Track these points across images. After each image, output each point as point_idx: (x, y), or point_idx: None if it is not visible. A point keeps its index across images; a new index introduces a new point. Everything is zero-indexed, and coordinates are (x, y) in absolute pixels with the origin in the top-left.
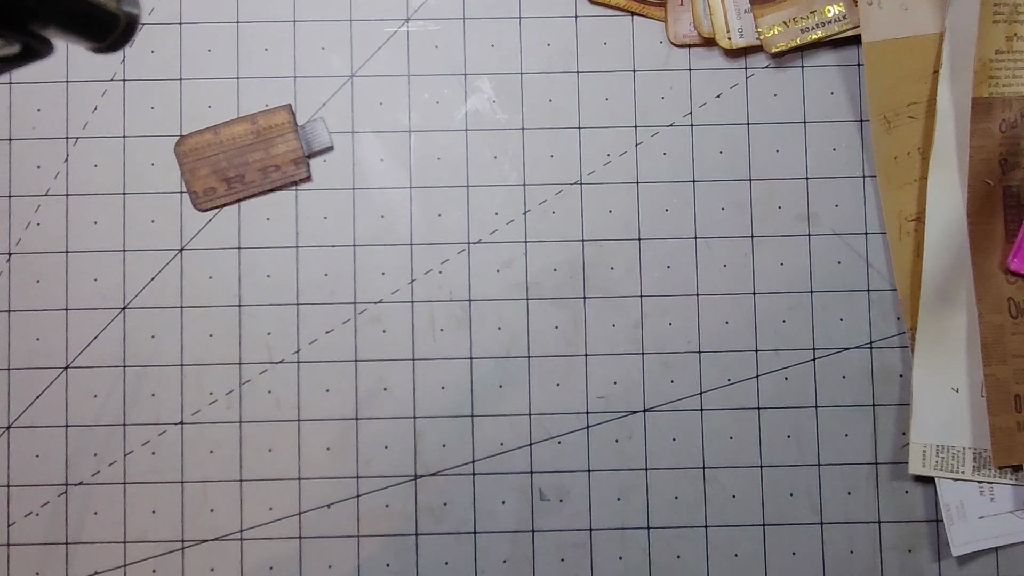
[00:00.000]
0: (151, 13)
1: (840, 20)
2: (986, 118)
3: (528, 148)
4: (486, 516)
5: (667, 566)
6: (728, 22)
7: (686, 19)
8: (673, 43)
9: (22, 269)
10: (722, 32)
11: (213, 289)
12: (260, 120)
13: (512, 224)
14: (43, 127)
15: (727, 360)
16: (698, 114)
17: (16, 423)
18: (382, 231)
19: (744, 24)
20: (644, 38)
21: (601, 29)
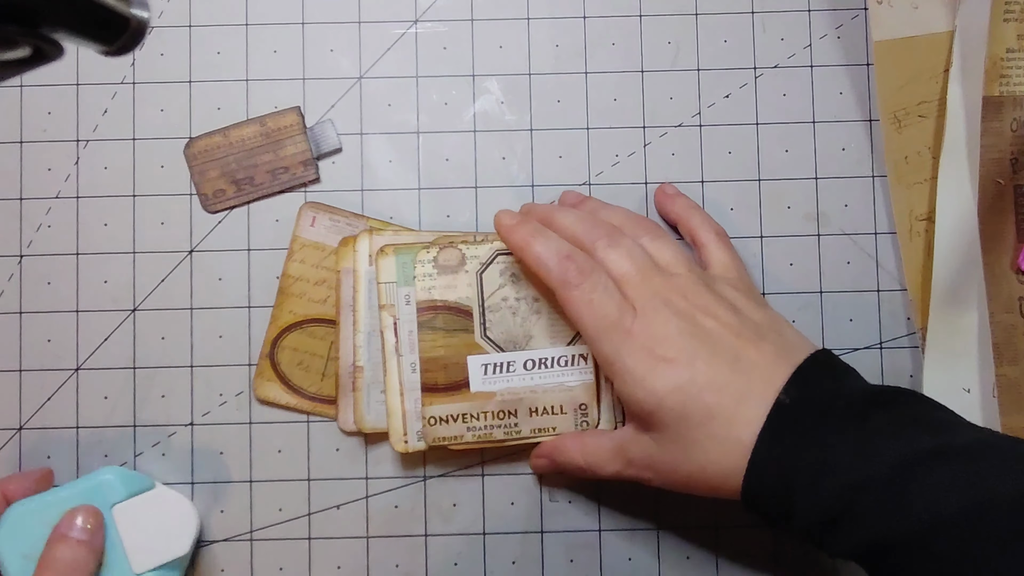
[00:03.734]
0: (160, 16)
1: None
2: (997, 117)
3: (536, 149)
4: (495, 517)
5: (677, 566)
6: (406, 425)
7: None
8: (343, 430)
9: (33, 271)
10: (398, 435)
11: (223, 290)
12: (269, 122)
13: None
14: (53, 130)
15: None
16: (707, 114)
17: (27, 424)
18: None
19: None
20: (652, 38)
21: (609, 29)
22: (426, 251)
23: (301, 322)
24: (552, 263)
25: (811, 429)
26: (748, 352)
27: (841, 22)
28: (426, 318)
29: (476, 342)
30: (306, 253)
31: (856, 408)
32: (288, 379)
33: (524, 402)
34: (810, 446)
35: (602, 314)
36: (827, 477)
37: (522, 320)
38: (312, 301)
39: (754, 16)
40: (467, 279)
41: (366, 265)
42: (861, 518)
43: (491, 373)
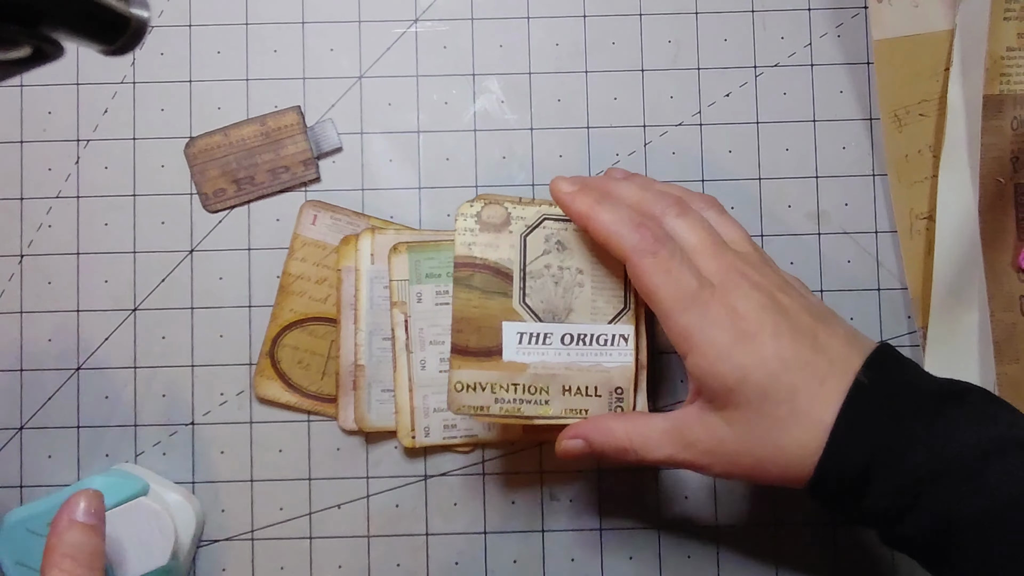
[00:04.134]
0: (160, 15)
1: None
2: (997, 115)
3: (537, 148)
4: (496, 516)
5: (678, 565)
6: (415, 420)
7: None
8: (344, 429)
9: (33, 271)
10: (406, 430)
11: (223, 290)
12: (269, 121)
13: None
14: (54, 129)
15: None
16: (707, 113)
17: (28, 424)
18: None
19: (431, 423)
20: (652, 37)
21: (610, 28)
22: (470, 205)
23: (302, 320)
24: (625, 230)
25: (890, 412)
26: (822, 333)
27: (841, 20)
28: (464, 275)
29: (513, 308)
30: (307, 251)
31: (931, 396)
32: (288, 378)
33: (558, 379)
34: (890, 428)
35: (682, 284)
36: (907, 459)
37: (564, 291)
38: (313, 300)
39: (754, 15)
40: (510, 240)
41: (368, 263)
42: (937, 499)
43: (526, 343)
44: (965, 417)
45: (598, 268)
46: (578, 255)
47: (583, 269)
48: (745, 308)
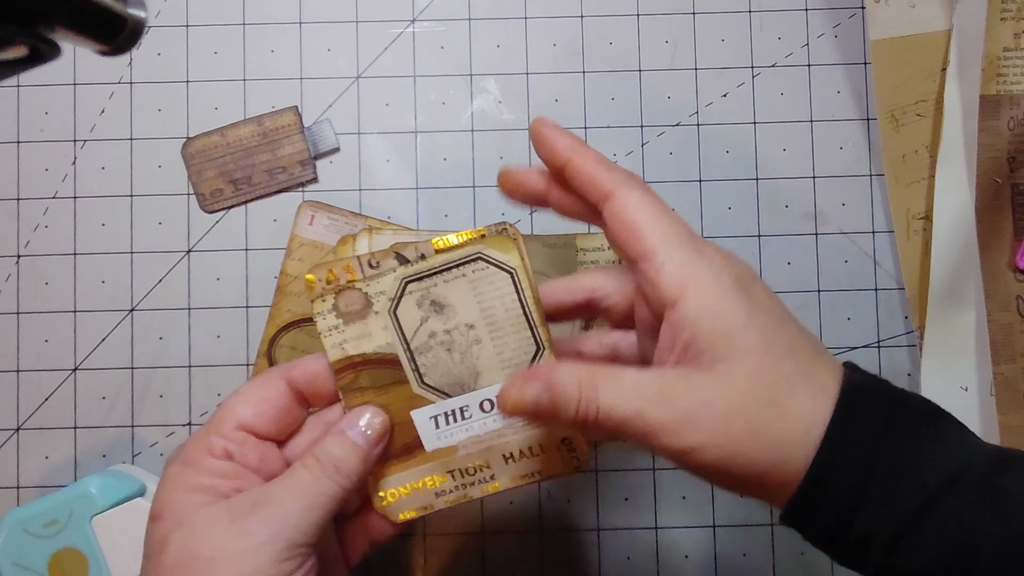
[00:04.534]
0: (157, 15)
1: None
2: (994, 116)
3: (534, 148)
4: (494, 516)
5: (675, 566)
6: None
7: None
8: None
9: (30, 271)
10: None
11: (220, 290)
12: (267, 122)
13: (519, 224)
14: (50, 130)
15: None
16: (704, 113)
17: (25, 425)
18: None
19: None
20: (650, 38)
21: (607, 29)
22: (321, 301)
23: (299, 321)
24: (613, 166)
25: (886, 415)
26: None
27: (838, 21)
28: (347, 380)
29: (416, 393)
30: (304, 252)
31: (923, 404)
32: None
33: (495, 449)
34: (889, 433)
35: (676, 220)
36: (918, 466)
37: (461, 355)
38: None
39: (751, 15)
40: (381, 322)
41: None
42: (953, 514)
43: (444, 425)
44: (960, 432)
45: (490, 313)
46: (461, 310)
47: (473, 323)
48: (737, 262)
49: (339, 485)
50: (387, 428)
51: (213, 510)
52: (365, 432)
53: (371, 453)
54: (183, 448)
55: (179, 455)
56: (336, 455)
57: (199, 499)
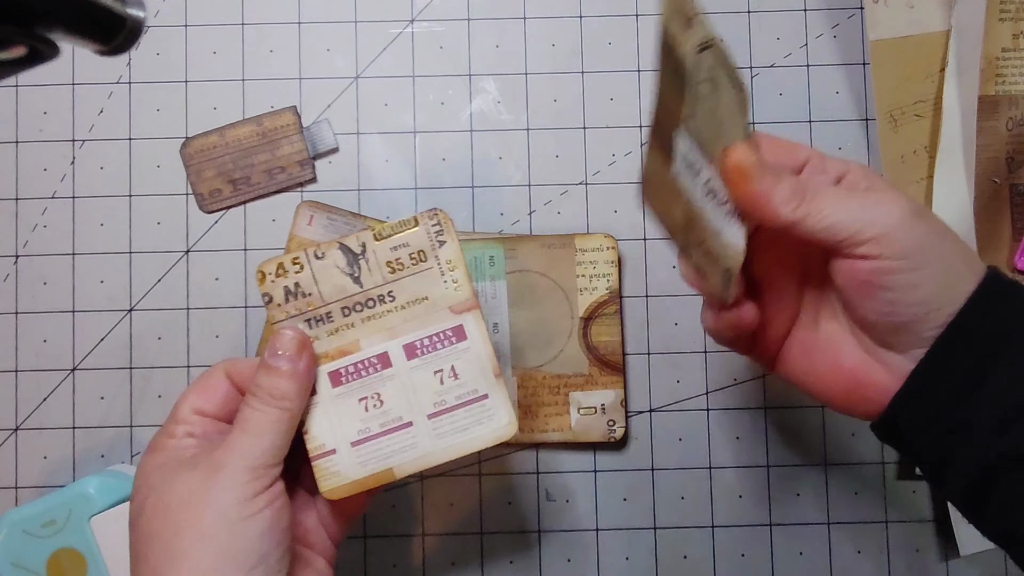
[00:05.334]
0: (156, 15)
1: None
2: (993, 116)
3: (533, 148)
4: (493, 516)
5: (673, 566)
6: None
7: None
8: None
9: (29, 271)
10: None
11: (219, 290)
12: (265, 122)
13: (517, 224)
14: (49, 130)
15: (733, 360)
16: None
17: (23, 425)
18: None
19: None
20: (648, 38)
21: (605, 29)
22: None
23: None
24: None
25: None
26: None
27: (837, 21)
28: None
29: (683, 115)
30: None
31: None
32: None
33: (699, 224)
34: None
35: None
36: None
37: (718, 124)
38: None
39: (750, 15)
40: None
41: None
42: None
43: (684, 165)
44: None
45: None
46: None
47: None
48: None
49: (281, 408)
50: (303, 341)
51: (177, 468)
52: (284, 355)
53: (297, 369)
54: (150, 441)
55: (147, 447)
56: (267, 385)
57: (167, 471)
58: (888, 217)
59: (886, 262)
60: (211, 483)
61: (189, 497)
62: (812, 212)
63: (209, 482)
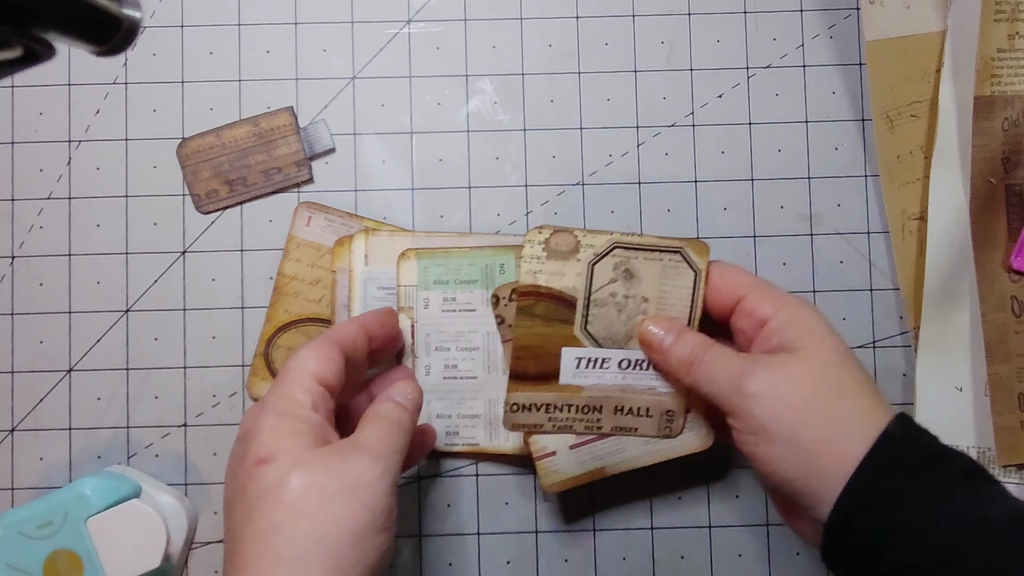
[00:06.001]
0: (153, 16)
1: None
2: (988, 117)
3: (530, 149)
4: (490, 517)
5: (671, 566)
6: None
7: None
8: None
9: (25, 272)
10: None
11: (216, 291)
12: (262, 122)
13: (514, 225)
14: (45, 130)
15: None
16: (700, 114)
17: (19, 426)
18: None
19: (437, 428)
20: (645, 38)
21: (602, 30)
22: (539, 232)
23: (296, 321)
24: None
25: (918, 463)
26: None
27: (833, 22)
28: (526, 304)
29: (574, 334)
30: (301, 252)
31: (964, 463)
32: None
33: (611, 400)
34: (921, 484)
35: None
36: (944, 519)
37: (627, 319)
38: (307, 300)
39: (747, 16)
40: (577, 268)
41: (361, 265)
42: (977, 561)
43: (583, 367)
44: (996, 490)
45: (665, 297)
46: (646, 284)
47: (648, 298)
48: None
49: (405, 438)
50: (420, 398)
51: (325, 451)
52: (407, 396)
53: (415, 417)
54: (267, 403)
55: (266, 409)
56: (393, 415)
57: (307, 442)
58: (753, 389)
59: (740, 435)
60: (370, 481)
61: (349, 489)
62: (697, 380)
63: (368, 479)
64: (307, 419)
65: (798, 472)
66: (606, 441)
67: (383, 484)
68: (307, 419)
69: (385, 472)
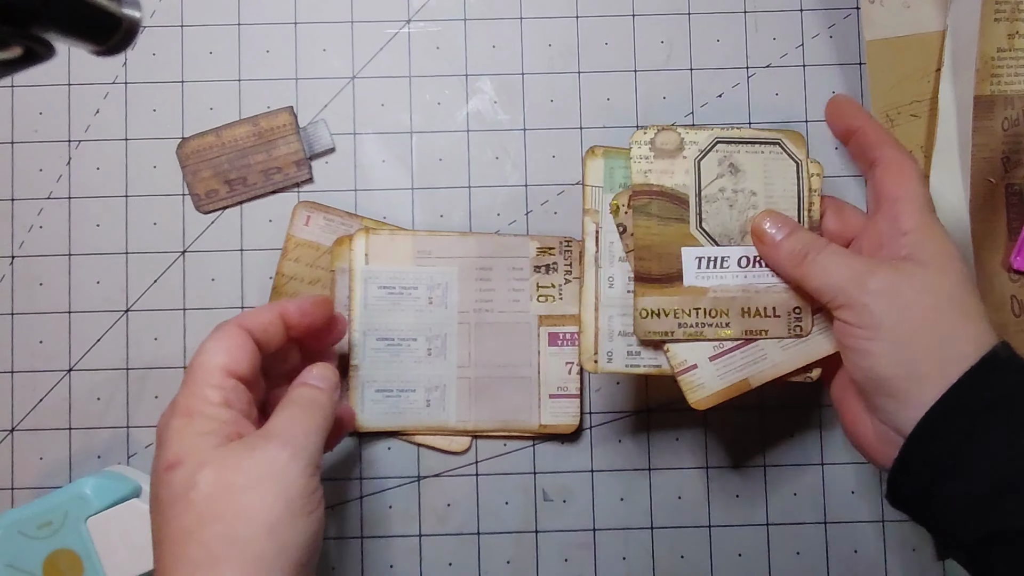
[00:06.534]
0: (152, 15)
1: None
2: (988, 116)
3: (530, 148)
4: (489, 517)
5: (671, 566)
6: (598, 343)
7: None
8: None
9: (25, 272)
10: (589, 353)
11: (215, 291)
12: (262, 122)
13: (514, 225)
14: (45, 130)
15: None
16: (700, 114)
17: (19, 426)
18: None
19: (615, 348)
20: (645, 38)
21: (602, 29)
22: (643, 132)
23: None
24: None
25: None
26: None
27: (833, 21)
28: (641, 203)
29: (691, 233)
30: (300, 252)
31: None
32: None
33: (736, 301)
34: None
35: (923, 187)
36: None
37: (739, 213)
38: None
39: (746, 15)
40: (684, 165)
41: (362, 264)
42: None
43: (705, 267)
44: None
45: (772, 189)
46: (751, 177)
47: (756, 191)
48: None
49: (321, 417)
50: (336, 380)
51: (233, 447)
52: (325, 380)
53: (332, 396)
54: (177, 404)
55: (175, 411)
56: (308, 396)
57: (214, 441)
58: (876, 286)
59: (850, 328)
60: (276, 470)
61: (252, 481)
62: (808, 273)
63: (274, 468)
64: (216, 416)
65: (898, 371)
66: (744, 350)
67: (295, 467)
68: (216, 416)
69: (296, 455)
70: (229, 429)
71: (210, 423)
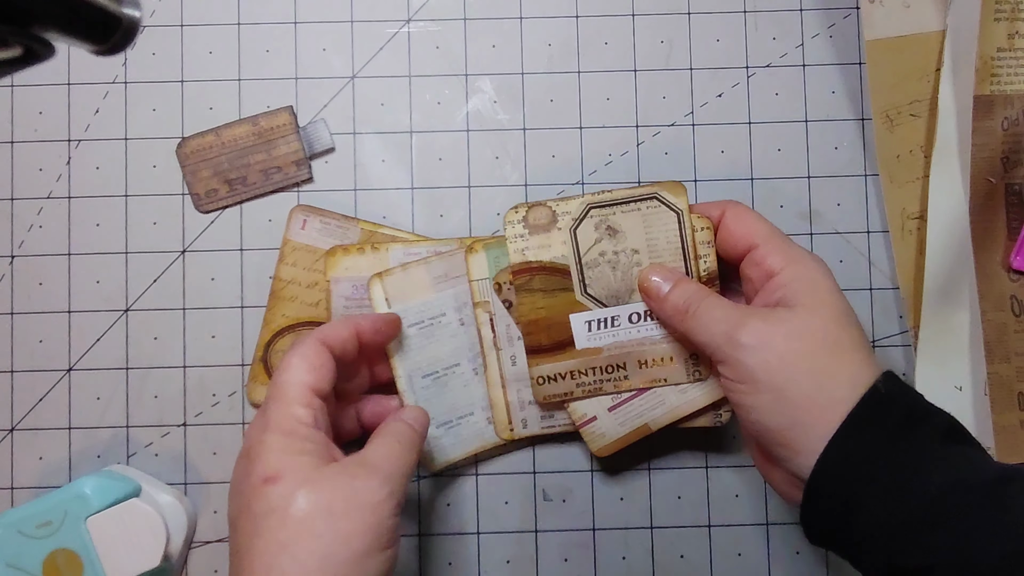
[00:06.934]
0: (152, 15)
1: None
2: (988, 116)
3: (530, 148)
4: (489, 516)
5: (670, 566)
6: (511, 415)
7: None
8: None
9: (24, 272)
10: (503, 424)
11: (215, 291)
12: (262, 121)
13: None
14: (45, 130)
15: None
16: (699, 113)
17: (19, 426)
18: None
19: (528, 415)
20: (645, 38)
21: (602, 29)
22: (515, 211)
23: (294, 325)
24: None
25: (899, 423)
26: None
27: (833, 21)
28: (522, 280)
29: (578, 300)
30: (297, 256)
31: (945, 422)
32: None
33: (632, 355)
34: (897, 442)
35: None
36: (923, 478)
37: (623, 274)
38: (305, 304)
39: (746, 15)
40: (561, 236)
41: (384, 310)
42: (957, 529)
43: (595, 329)
44: (975, 452)
45: (654, 243)
46: (631, 236)
47: (638, 248)
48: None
49: (413, 460)
50: (426, 423)
51: (333, 471)
52: (419, 422)
53: (422, 443)
54: (269, 420)
55: (268, 426)
56: (408, 436)
57: (313, 461)
58: (746, 340)
59: (729, 383)
60: (375, 502)
61: (356, 509)
62: (690, 328)
63: (373, 499)
64: (311, 438)
65: (782, 423)
66: (643, 397)
67: (389, 505)
68: (311, 438)
69: (392, 494)
70: (323, 451)
71: (306, 443)
